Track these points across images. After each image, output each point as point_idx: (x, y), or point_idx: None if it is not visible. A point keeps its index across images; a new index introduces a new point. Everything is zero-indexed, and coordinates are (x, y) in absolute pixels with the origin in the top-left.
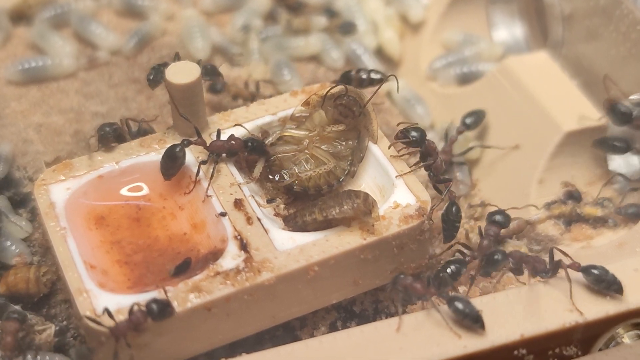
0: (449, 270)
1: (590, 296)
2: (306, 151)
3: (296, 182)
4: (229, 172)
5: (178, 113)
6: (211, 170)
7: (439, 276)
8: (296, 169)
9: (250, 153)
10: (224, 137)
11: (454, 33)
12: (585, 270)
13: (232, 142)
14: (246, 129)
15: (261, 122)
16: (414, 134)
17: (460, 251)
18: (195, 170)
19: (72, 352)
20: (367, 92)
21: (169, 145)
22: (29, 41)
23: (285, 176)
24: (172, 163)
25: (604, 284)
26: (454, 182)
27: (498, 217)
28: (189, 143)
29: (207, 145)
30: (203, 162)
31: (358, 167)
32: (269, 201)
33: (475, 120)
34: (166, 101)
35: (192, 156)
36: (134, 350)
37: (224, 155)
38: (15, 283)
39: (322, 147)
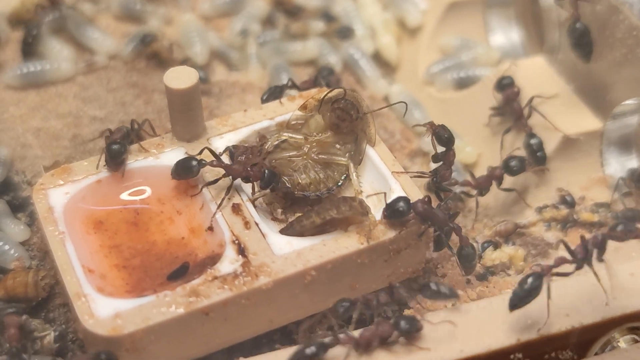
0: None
1: (586, 300)
2: (304, 157)
3: (297, 187)
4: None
5: (176, 118)
6: (223, 194)
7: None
8: (295, 175)
9: (261, 185)
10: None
11: (451, 38)
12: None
13: (251, 170)
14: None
15: (259, 127)
16: (446, 134)
17: None
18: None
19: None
20: (364, 95)
21: (185, 157)
22: None
23: (286, 183)
24: (184, 174)
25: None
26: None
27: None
28: (205, 164)
29: (226, 167)
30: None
31: (357, 170)
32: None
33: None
34: (164, 106)
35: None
36: (132, 354)
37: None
38: (13, 287)
39: (323, 152)
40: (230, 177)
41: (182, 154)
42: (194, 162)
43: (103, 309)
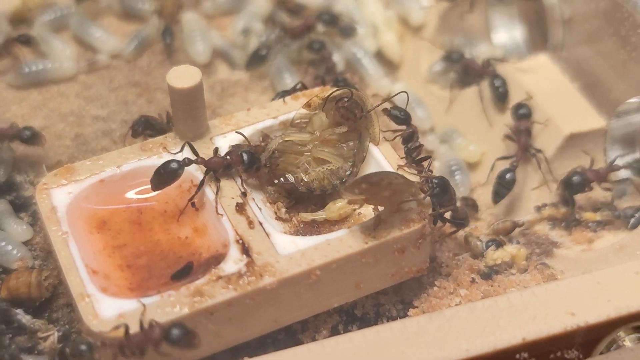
0: None
1: (591, 300)
2: (308, 154)
3: (301, 183)
4: (231, 177)
5: (179, 117)
6: (216, 187)
7: None
8: (300, 172)
9: (245, 167)
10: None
11: (454, 36)
12: None
13: (229, 157)
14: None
15: (262, 126)
16: (401, 113)
17: None
18: (194, 173)
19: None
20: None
21: (166, 159)
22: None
23: (289, 179)
24: (167, 179)
25: None
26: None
27: None
28: (190, 162)
29: (205, 162)
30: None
31: (360, 168)
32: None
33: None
34: (167, 105)
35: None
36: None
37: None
38: (16, 287)
39: (325, 149)
40: (213, 171)
41: (186, 153)
42: (176, 165)
43: (107, 309)
